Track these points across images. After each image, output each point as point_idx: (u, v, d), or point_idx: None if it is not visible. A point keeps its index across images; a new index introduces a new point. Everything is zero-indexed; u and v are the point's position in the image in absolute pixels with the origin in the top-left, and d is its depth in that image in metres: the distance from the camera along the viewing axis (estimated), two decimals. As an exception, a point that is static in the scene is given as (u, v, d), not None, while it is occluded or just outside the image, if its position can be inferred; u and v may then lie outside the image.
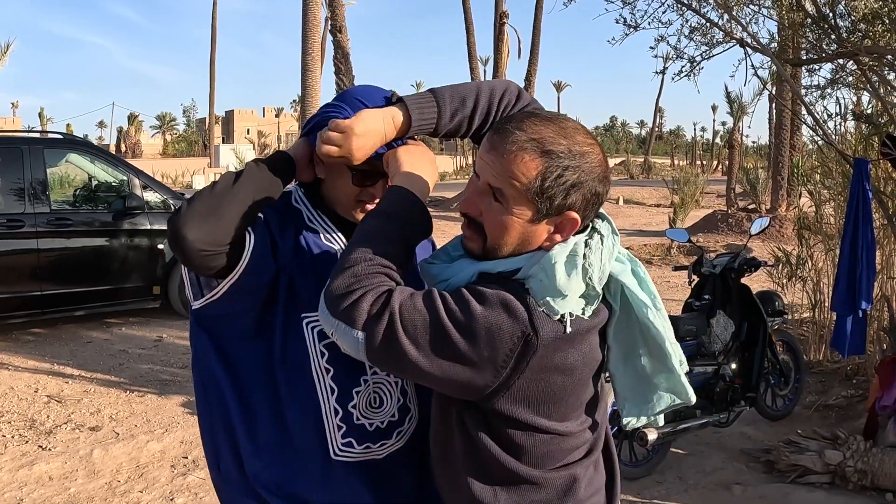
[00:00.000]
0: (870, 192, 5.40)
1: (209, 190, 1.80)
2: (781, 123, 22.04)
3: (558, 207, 1.66)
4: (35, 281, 8.78)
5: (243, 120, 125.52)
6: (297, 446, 1.96)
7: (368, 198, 1.94)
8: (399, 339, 1.59)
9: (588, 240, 1.71)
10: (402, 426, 2.02)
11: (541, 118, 1.69)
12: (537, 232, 1.70)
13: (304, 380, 1.94)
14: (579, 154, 1.65)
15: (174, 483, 5.15)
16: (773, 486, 5.08)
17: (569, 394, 1.73)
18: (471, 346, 1.60)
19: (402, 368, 1.65)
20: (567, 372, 1.69)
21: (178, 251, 1.75)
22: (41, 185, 8.93)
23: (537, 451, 1.74)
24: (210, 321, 1.95)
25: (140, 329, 9.54)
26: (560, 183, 1.64)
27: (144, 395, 6.99)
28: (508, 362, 1.62)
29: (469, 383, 1.64)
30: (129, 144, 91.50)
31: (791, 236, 15.00)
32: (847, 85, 6.84)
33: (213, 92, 57.41)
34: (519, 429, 1.71)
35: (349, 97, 1.93)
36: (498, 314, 1.60)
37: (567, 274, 1.64)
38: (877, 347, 6.79)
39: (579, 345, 1.69)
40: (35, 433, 6.02)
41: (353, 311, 1.61)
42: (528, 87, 31.53)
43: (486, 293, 1.63)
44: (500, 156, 1.65)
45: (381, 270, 1.66)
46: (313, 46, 20.06)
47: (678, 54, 6.78)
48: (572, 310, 1.65)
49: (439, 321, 1.60)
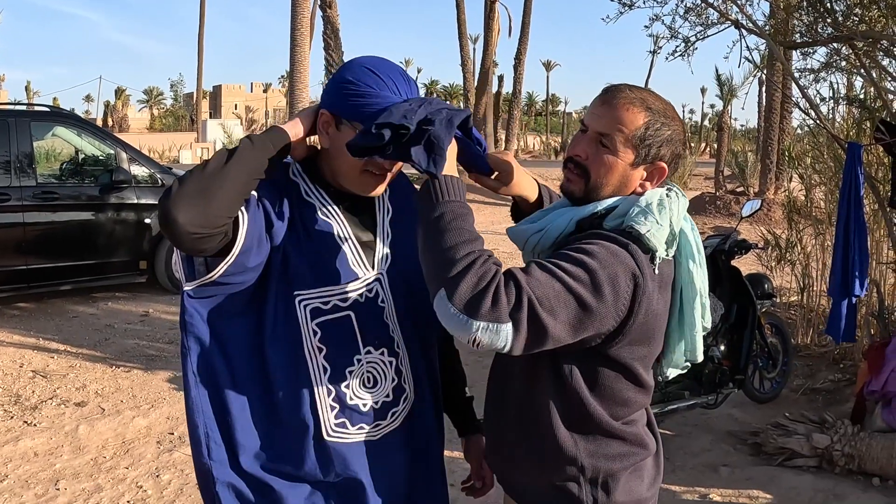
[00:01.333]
0: (862, 176, 5.39)
1: (200, 170, 1.74)
2: (772, 107, 22.04)
3: (654, 156, 1.90)
4: (21, 255, 8.70)
5: (231, 95, 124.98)
6: (288, 425, 1.94)
7: (375, 167, 1.91)
8: (540, 317, 1.63)
9: (668, 193, 1.93)
10: (396, 406, 2.01)
11: (643, 88, 1.96)
12: (633, 177, 1.92)
13: (295, 359, 1.91)
14: (672, 118, 1.93)
15: (160, 459, 5.12)
16: (761, 468, 5.09)
17: (655, 339, 1.89)
18: (598, 299, 1.70)
19: (545, 343, 1.68)
20: (657, 316, 1.85)
21: (168, 233, 1.71)
22: (27, 159, 8.83)
23: (622, 397, 1.90)
24: (201, 300, 1.91)
25: (126, 304, 9.49)
26: (658, 134, 1.89)
27: (130, 370, 6.95)
28: (626, 304, 1.74)
29: (598, 332, 1.74)
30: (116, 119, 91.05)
31: (779, 220, 15.05)
32: (841, 69, 6.82)
33: (202, 66, 56.92)
34: (618, 371, 1.86)
35: (359, 67, 1.89)
36: (611, 264, 1.73)
37: (659, 212, 1.84)
38: (865, 332, 6.81)
39: (664, 292, 1.86)
40: (20, 409, 5.98)
41: (497, 305, 1.61)
42: (517, 66, 31.49)
43: (592, 249, 1.75)
44: (612, 107, 1.89)
45: (489, 257, 1.68)
46: (302, 21, 19.92)
47: (673, 34, 6.74)
48: (661, 249, 1.81)
49: (566, 286, 1.67)
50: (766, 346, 6.23)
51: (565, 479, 1.90)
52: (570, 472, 1.89)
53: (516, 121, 35.35)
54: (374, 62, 1.91)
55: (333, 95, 1.90)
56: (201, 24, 54.31)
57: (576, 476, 1.89)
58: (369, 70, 1.87)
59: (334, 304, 1.93)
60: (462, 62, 30.12)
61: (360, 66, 1.89)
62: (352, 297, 1.96)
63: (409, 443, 2.06)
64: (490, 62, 29.29)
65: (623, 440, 1.92)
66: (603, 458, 1.89)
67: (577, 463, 1.88)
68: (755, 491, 4.79)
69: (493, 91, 32.09)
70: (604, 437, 1.90)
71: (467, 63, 30.24)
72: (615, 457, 1.91)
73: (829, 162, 7.83)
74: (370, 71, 1.87)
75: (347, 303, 1.95)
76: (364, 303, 1.97)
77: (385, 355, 1.98)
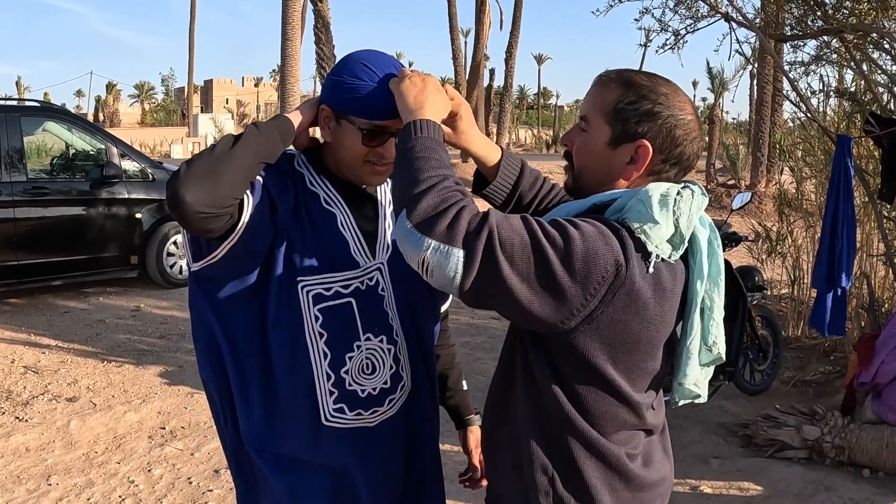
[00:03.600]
0: (852, 169, 5.41)
1: (208, 152, 1.80)
2: (763, 100, 22.04)
3: (632, 134, 1.77)
4: (11, 250, 8.66)
5: (222, 89, 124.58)
6: (287, 409, 1.99)
7: (376, 157, 1.96)
8: (497, 257, 1.54)
9: (681, 189, 1.76)
10: (393, 394, 2.05)
11: (638, 70, 1.87)
12: (614, 159, 1.80)
13: (297, 343, 1.96)
14: (663, 94, 1.79)
15: (152, 454, 5.12)
16: (751, 460, 5.12)
17: (641, 347, 1.73)
18: (566, 268, 1.59)
19: (493, 293, 1.58)
20: (644, 320, 1.69)
21: (176, 213, 1.76)
22: (18, 154, 8.78)
23: (597, 408, 1.74)
24: (207, 283, 1.96)
25: (117, 299, 9.48)
26: (634, 108, 1.77)
27: (122, 365, 6.94)
28: (599, 289, 1.62)
29: (557, 309, 1.61)
30: (107, 113, 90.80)
31: (770, 212, 15.06)
32: (831, 62, 6.84)
33: (192, 61, 56.76)
34: (588, 373, 1.72)
35: (354, 62, 1.95)
36: (595, 240, 1.62)
37: (659, 207, 1.69)
38: (855, 324, 6.83)
39: (662, 299, 1.71)
40: (11, 404, 5.97)
41: (454, 228, 1.55)
42: (508, 59, 31.44)
43: (582, 222, 1.65)
44: (593, 87, 1.85)
45: (456, 184, 1.64)
46: (293, 15, 19.85)
47: (662, 27, 6.74)
48: (660, 247, 1.68)
49: (537, 241, 1.58)
50: (757, 338, 6.25)
51: (536, 493, 1.78)
52: (541, 485, 1.78)
53: (507, 114, 35.34)
54: (367, 56, 1.96)
55: (331, 91, 1.95)
56: (192, 17, 54.10)
57: (547, 491, 1.77)
58: (363, 65, 1.93)
59: (336, 290, 1.98)
60: (453, 55, 30.11)
61: (355, 61, 1.94)
62: (353, 285, 2.00)
63: (406, 430, 2.10)
64: (481, 55, 29.25)
65: (601, 460, 1.77)
66: (572, 476, 1.76)
67: (548, 473, 1.77)
68: (745, 483, 4.82)
69: (484, 84, 32.10)
70: (582, 452, 1.75)
71: (458, 56, 30.22)
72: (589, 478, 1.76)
73: (820, 155, 7.85)
74: (364, 66, 1.92)
75: (349, 290, 1.99)
76: (365, 290, 2.01)
77: (384, 343, 2.02)
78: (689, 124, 1.80)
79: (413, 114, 1.79)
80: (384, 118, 1.90)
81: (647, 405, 1.82)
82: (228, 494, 4.56)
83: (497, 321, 8.40)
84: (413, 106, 1.81)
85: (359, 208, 2.07)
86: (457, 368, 2.45)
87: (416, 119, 1.76)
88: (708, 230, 1.81)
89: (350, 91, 1.91)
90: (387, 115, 1.89)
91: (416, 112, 1.79)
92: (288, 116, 1.96)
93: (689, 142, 1.81)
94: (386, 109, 1.88)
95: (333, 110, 1.96)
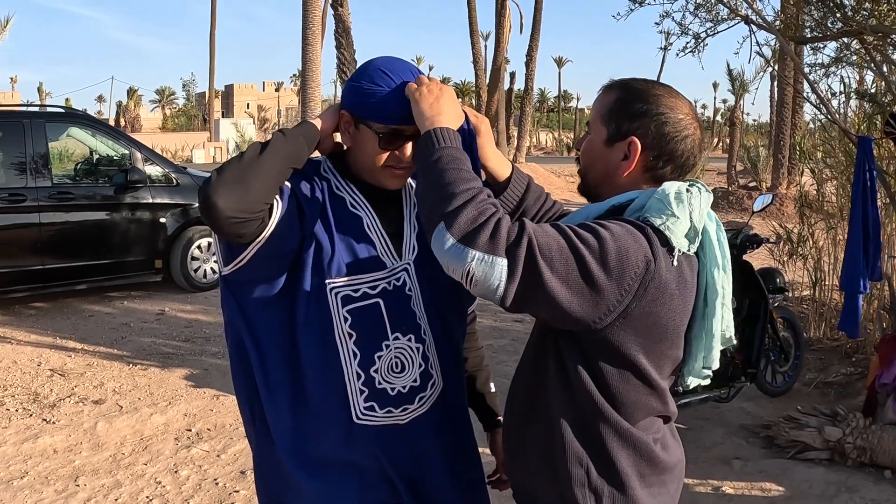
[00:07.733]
0: (875, 170, 5.40)
1: (237, 160, 1.87)
2: (783, 101, 21.97)
3: (623, 132, 1.87)
4: (37, 255, 8.79)
5: (243, 94, 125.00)
6: (317, 409, 2.04)
7: (395, 161, 2.01)
8: (538, 262, 1.62)
9: (689, 187, 1.85)
10: (424, 391, 2.09)
11: (642, 78, 1.96)
12: (611, 157, 1.91)
13: (326, 345, 2.01)
14: (655, 95, 1.89)
15: (178, 455, 5.19)
16: (773, 461, 5.12)
17: (668, 336, 1.82)
18: (602, 267, 1.66)
19: (539, 296, 1.65)
20: (671, 310, 1.78)
21: (208, 218, 1.82)
22: (42, 159, 8.91)
23: (629, 398, 1.82)
24: (237, 286, 2.02)
25: (142, 303, 9.57)
26: (626, 108, 1.87)
27: (147, 368, 7.02)
28: (633, 285, 1.70)
29: (595, 306, 1.69)
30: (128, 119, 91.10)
31: (791, 214, 15.00)
32: (851, 64, 6.83)
33: (213, 66, 57.02)
34: (623, 365, 1.79)
35: (373, 69, 2.00)
36: (625, 239, 1.70)
37: (677, 204, 1.78)
38: (877, 325, 6.81)
39: (684, 291, 1.80)
40: (39, 407, 6.05)
41: (496, 238, 1.62)
42: (529, 63, 31.42)
43: (609, 223, 1.74)
44: (598, 95, 1.96)
45: (488, 195, 1.71)
46: (314, 20, 19.99)
47: (683, 30, 6.76)
48: (680, 242, 1.77)
49: (573, 244, 1.66)
50: (779, 340, 6.25)
51: (571, 484, 1.83)
52: (576, 476, 1.83)
53: (528, 117, 35.26)
54: (386, 63, 2.01)
55: (350, 96, 2.01)
56: (213, 23, 54.38)
57: (582, 482, 1.83)
58: (382, 71, 1.98)
59: (364, 291, 2.02)
60: (474, 59, 30.12)
61: (374, 68, 1.99)
62: (380, 286, 2.04)
63: (438, 427, 2.13)
64: (502, 59, 29.28)
65: (632, 448, 1.84)
66: (606, 465, 1.83)
67: (584, 465, 1.82)
68: (767, 483, 4.82)
69: (504, 88, 32.06)
70: (615, 441, 1.82)
71: (479, 60, 30.24)
72: (622, 466, 1.83)
73: (841, 156, 7.83)
74: (382, 72, 1.98)
75: (376, 290, 2.03)
76: (392, 291, 2.05)
77: (412, 341, 2.06)
78: (679, 122, 1.88)
79: (430, 121, 1.85)
80: (400, 122, 1.95)
81: (667, 389, 1.91)
82: (254, 496, 4.59)
83: (520, 324, 8.42)
84: (429, 113, 1.86)
85: (384, 210, 2.11)
86: (485, 370, 2.48)
87: (434, 127, 1.83)
88: (714, 223, 1.90)
89: (368, 96, 1.96)
90: (402, 119, 1.94)
91: (432, 119, 1.85)
92: (312, 122, 2.02)
93: (681, 139, 1.89)
94: (401, 114, 1.93)
95: (353, 115, 2.01)
